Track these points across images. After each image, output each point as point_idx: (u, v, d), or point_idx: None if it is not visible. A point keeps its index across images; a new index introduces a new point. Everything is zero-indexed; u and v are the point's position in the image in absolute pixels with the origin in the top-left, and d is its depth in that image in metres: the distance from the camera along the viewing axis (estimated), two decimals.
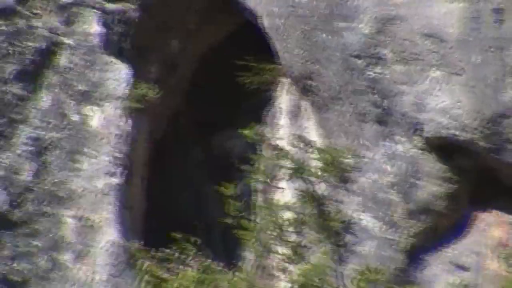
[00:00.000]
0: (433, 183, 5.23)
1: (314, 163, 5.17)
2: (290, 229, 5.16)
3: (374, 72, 5.17)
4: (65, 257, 5.18)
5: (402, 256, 5.20)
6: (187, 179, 6.89)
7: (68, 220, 5.27)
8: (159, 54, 6.46)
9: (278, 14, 5.66)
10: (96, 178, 5.39)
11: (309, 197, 5.10)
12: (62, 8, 5.87)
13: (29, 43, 5.66)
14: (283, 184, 5.55)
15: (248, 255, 5.71)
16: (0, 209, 5.11)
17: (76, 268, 5.15)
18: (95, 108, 5.55)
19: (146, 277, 5.16)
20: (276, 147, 5.32)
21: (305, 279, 4.78)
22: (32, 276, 5.08)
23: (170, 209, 6.47)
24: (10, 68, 5.52)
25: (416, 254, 5.27)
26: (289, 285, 5.03)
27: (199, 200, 6.82)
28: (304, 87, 5.68)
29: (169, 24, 6.40)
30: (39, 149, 5.40)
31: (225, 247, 6.23)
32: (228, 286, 5.07)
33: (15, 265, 5.07)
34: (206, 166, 6.94)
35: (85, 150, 5.48)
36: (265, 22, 5.77)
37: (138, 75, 5.89)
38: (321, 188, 5.17)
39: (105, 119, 5.53)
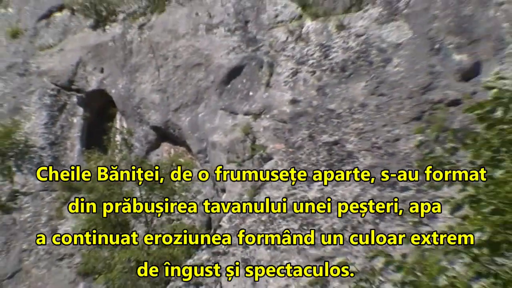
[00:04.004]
0: (151, 135, 22.21)
1: None
2: None
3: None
4: None
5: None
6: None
7: None
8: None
9: (115, 93, 22.69)
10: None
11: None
12: None
13: None
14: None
15: None
16: None
17: None
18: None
19: None
20: (119, 126, 22.19)
21: None
22: None
23: None
24: None
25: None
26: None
27: None
28: (123, 112, 22.48)
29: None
30: None
31: None
32: None
33: None
34: None
35: None
36: (114, 98, 22.80)
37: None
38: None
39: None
